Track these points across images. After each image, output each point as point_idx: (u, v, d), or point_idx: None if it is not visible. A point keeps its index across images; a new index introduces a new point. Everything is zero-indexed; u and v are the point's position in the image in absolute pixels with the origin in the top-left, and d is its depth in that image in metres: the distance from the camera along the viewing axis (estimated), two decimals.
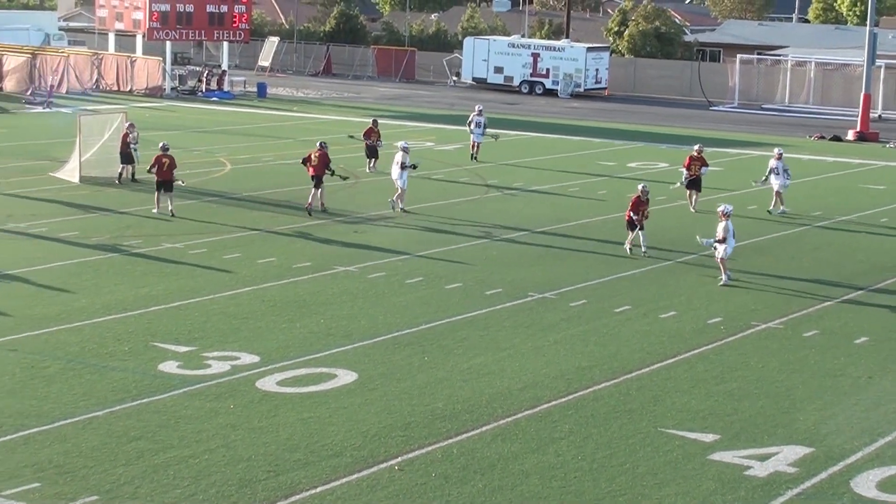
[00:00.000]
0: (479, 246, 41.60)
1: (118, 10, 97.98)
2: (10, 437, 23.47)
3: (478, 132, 60.65)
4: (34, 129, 69.99)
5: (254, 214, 45.93)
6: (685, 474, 22.68)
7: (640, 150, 68.90)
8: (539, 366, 28.93)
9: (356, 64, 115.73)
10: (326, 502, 21.05)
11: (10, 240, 40.48)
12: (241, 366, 28.21)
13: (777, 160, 48.68)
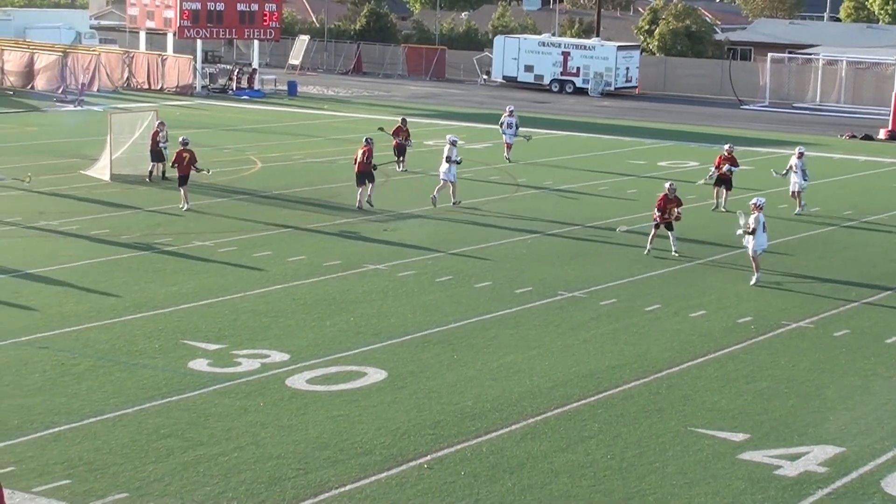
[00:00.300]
0: (509, 244, 41.58)
1: (149, 8, 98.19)
2: (40, 434, 23.55)
3: (510, 132, 60.40)
4: (65, 127, 70.22)
5: (284, 212, 46.00)
6: (715, 474, 22.65)
7: (671, 148, 68.81)
8: (569, 364, 28.92)
9: (386, 62, 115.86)
10: (355, 500, 21.07)
11: (42, 237, 40.62)
12: (270, 364, 28.26)
13: (798, 158, 48.50)
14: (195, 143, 62.00)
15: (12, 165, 53.45)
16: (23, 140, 63.73)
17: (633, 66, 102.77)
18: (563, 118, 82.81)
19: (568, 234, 43.50)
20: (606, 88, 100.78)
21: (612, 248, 40.89)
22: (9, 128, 69.11)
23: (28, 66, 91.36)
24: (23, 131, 67.76)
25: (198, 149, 58.05)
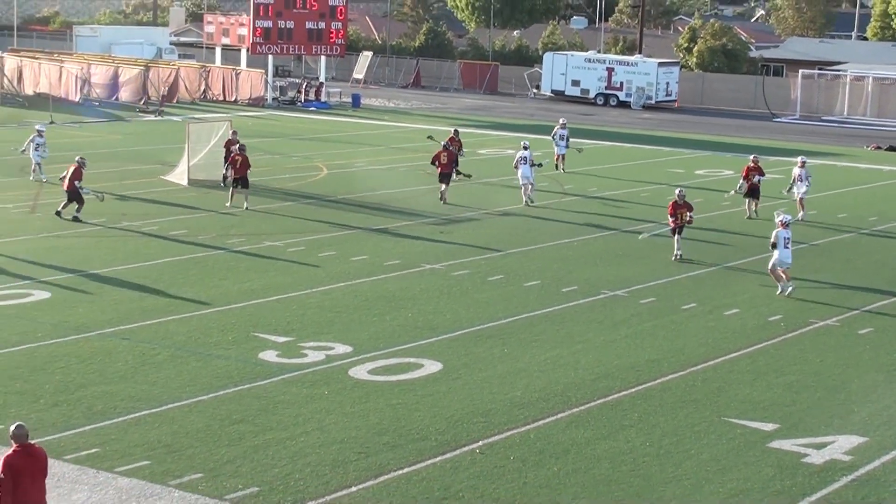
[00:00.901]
0: (556, 246, 41.55)
1: (225, 26, 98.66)
2: (122, 419, 23.70)
3: (562, 144, 59.81)
4: (147, 136, 70.56)
5: (348, 215, 46.09)
6: (746, 461, 22.61)
7: (708, 158, 68.56)
8: (611, 358, 28.90)
9: (443, 77, 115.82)
10: (412, 482, 21.13)
11: (125, 237, 40.83)
12: (335, 355, 28.34)
13: (800, 168, 48.20)
14: (267, 150, 62.40)
15: (99, 171, 53.75)
16: (108, 147, 64.06)
17: (672, 81, 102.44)
18: (608, 129, 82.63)
19: (611, 237, 43.43)
20: (648, 102, 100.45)
21: (651, 250, 40.80)
22: (95, 136, 69.50)
23: (113, 79, 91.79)
24: (108, 139, 68.12)
25: (268, 156, 58.37)
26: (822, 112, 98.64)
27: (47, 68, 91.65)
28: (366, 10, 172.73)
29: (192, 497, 20.18)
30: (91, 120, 78.09)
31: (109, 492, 20.32)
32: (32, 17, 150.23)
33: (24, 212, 44.86)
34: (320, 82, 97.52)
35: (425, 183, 54.64)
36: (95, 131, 72.23)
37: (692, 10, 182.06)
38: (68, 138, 67.32)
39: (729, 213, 48.45)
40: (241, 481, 20.86)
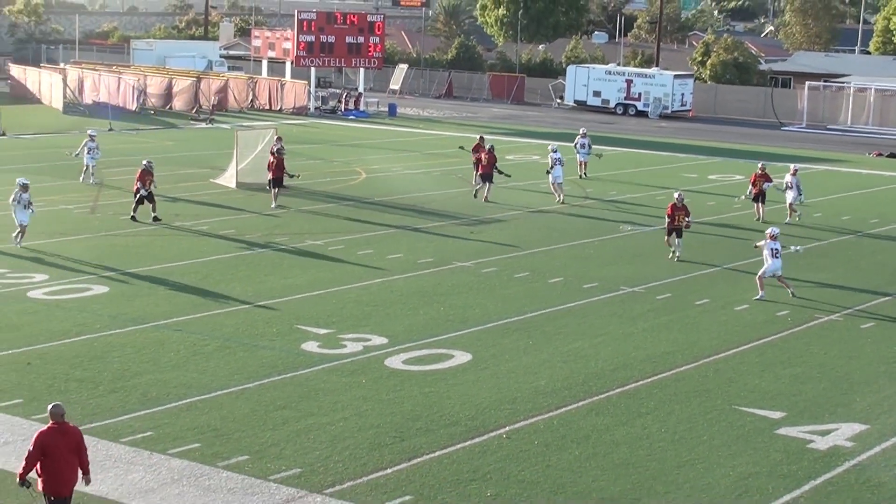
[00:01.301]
0: (578, 246, 41.49)
1: (271, 40, 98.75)
2: (175, 405, 23.78)
3: (583, 152, 59.27)
4: (198, 142, 70.73)
5: (384, 216, 46.10)
6: (755, 446, 22.55)
7: (720, 164, 68.29)
8: (629, 350, 28.85)
9: (473, 88, 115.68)
10: (444, 465, 21.14)
11: (178, 236, 40.94)
12: (371, 346, 28.36)
13: (792, 176, 47.79)
14: (310, 156, 62.50)
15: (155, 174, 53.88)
16: (162, 153, 64.17)
17: (687, 92, 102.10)
18: (626, 137, 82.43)
19: (629, 237, 43.36)
20: (664, 111, 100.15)
21: (667, 250, 40.68)
22: (151, 142, 69.69)
23: (167, 89, 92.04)
24: (162, 145, 68.29)
25: (310, 161, 58.45)
26: (827, 121, 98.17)
27: (107, 79, 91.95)
28: (402, 25, 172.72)
29: (239, 477, 20.23)
30: (147, 127, 78.31)
31: (162, 472, 20.39)
32: (93, 31, 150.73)
33: (84, 212, 45.01)
34: (359, 93, 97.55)
35: (457, 186, 54.66)
36: (151, 138, 72.45)
37: (706, 26, 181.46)
38: (126, 144, 67.56)
39: (740, 215, 48.27)
40: (284, 463, 20.90)
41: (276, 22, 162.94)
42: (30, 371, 25.65)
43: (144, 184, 42.81)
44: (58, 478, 17.09)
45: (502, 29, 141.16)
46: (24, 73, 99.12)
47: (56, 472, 17.09)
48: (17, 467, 20.02)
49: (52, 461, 17.06)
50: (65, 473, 17.19)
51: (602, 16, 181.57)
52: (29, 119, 78.14)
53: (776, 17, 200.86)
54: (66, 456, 17.19)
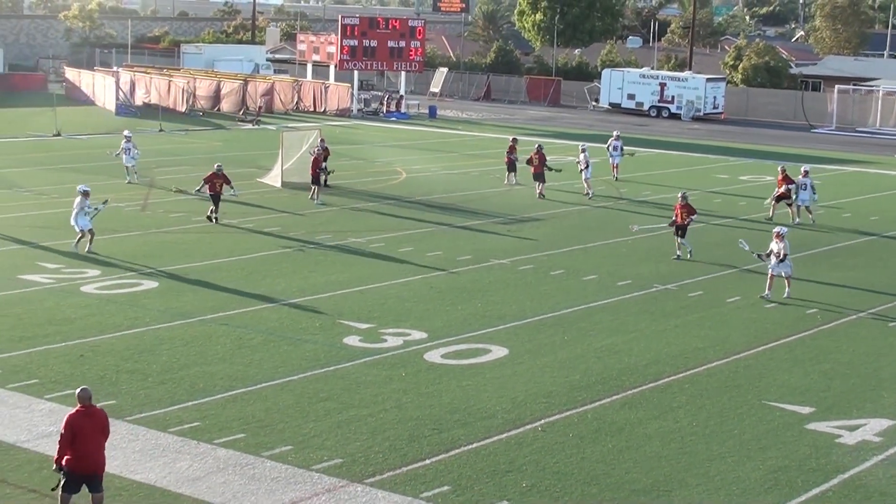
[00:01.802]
0: (612, 244, 41.38)
1: (315, 44, 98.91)
2: (221, 396, 23.83)
3: (615, 154, 58.90)
4: (245, 143, 70.89)
5: (425, 215, 46.11)
6: (784, 440, 22.43)
7: (751, 165, 67.98)
8: (661, 346, 28.76)
9: (511, 90, 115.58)
10: (481, 456, 21.11)
11: (225, 233, 41.03)
12: (411, 341, 28.35)
13: (804, 177, 47.17)
14: (352, 156, 62.62)
15: (202, 173, 54.11)
16: (210, 153, 64.38)
17: (719, 95, 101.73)
18: (660, 139, 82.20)
19: (662, 236, 43.18)
20: (697, 114, 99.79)
21: (699, 248, 40.50)
22: (199, 143, 69.91)
23: (215, 91, 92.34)
24: (210, 145, 68.50)
25: (353, 161, 58.60)
26: (856, 124, 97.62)
27: (157, 82, 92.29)
28: (442, 30, 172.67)
29: (283, 467, 20.26)
30: (195, 128, 78.55)
31: (209, 461, 20.44)
32: (145, 36, 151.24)
33: (135, 210, 45.18)
34: (400, 95, 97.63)
35: (495, 186, 54.61)
36: (199, 138, 72.67)
37: (738, 31, 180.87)
38: (175, 144, 67.82)
39: (766, 216, 48.02)
40: (326, 453, 20.91)
41: (321, 27, 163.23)
42: (82, 363, 25.77)
43: (214, 186, 42.62)
44: (86, 458, 17.49)
45: (539, 34, 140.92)
46: (79, 75, 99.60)
47: (84, 452, 17.48)
48: None
49: (81, 442, 17.46)
50: (92, 454, 17.59)
51: (636, 21, 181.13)
52: (83, 120, 78.50)
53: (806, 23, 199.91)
54: (93, 437, 17.61)
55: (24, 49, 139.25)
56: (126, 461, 20.29)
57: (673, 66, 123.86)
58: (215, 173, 42.92)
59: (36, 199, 46.88)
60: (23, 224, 41.41)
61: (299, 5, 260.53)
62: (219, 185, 42.83)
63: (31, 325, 28.61)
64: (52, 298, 31.22)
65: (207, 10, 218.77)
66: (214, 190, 42.73)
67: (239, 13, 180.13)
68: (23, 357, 26.01)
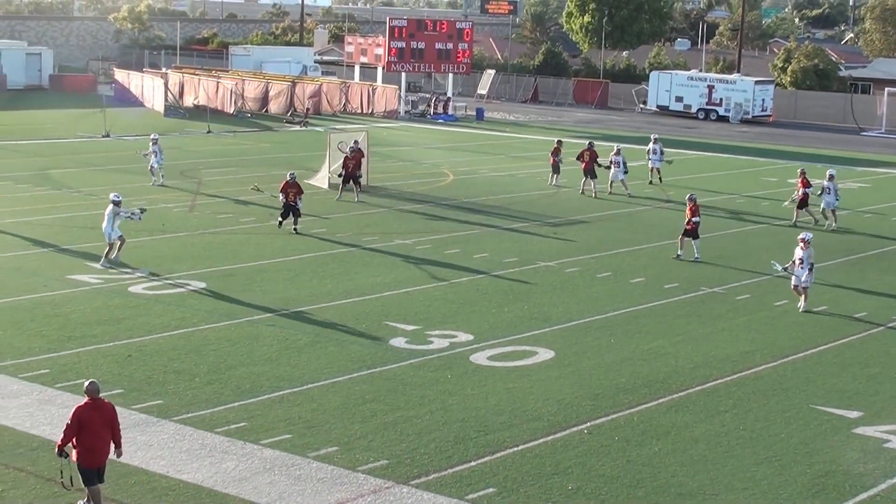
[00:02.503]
0: (659, 247, 41.24)
1: (363, 46, 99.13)
2: (267, 397, 23.91)
3: (655, 158, 57.96)
4: (292, 144, 71.09)
5: (471, 217, 46.10)
6: (832, 444, 22.31)
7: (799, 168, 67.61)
8: (708, 349, 28.65)
9: (558, 93, 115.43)
10: (526, 458, 21.09)
11: (271, 234, 41.12)
12: (457, 343, 28.36)
13: (829, 181, 46.36)
14: (399, 158, 62.75)
15: (250, 175, 54.42)
16: (258, 154, 64.66)
17: (767, 98, 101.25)
18: (708, 141, 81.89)
19: (709, 239, 43.01)
20: (745, 116, 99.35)
21: (747, 251, 40.33)
22: (248, 144, 70.17)
23: (263, 93, 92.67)
24: (259, 147, 68.74)
25: (400, 163, 58.71)
26: None
27: (206, 83, 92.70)
28: (489, 32, 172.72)
29: (329, 468, 20.30)
30: (243, 130, 78.85)
31: (255, 461, 20.51)
32: (193, 38, 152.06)
33: (183, 211, 45.39)
34: (448, 97, 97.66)
35: (541, 188, 54.55)
36: (247, 140, 72.94)
37: (787, 34, 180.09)
38: (223, 146, 68.09)
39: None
40: (372, 454, 20.95)
41: (369, 29, 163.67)
42: (130, 363, 25.91)
43: (288, 196, 41.20)
44: (91, 450, 17.94)
45: (587, 36, 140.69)
46: (128, 77, 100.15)
47: (90, 444, 17.94)
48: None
49: (87, 434, 17.91)
50: (98, 446, 18.03)
51: (685, 23, 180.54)
52: (132, 121, 78.92)
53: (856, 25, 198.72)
54: (100, 430, 18.04)
55: (73, 51, 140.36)
56: (173, 461, 20.39)
57: (721, 68, 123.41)
58: (288, 182, 41.38)
59: (85, 199, 47.16)
60: (72, 224, 41.68)
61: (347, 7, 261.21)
62: (291, 194, 41.26)
63: (80, 325, 28.80)
64: (100, 298, 31.42)
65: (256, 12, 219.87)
66: (288, 199, 41.32)
67: (287, 15, 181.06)
68: (71, 357, 26.19)
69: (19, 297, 31.34)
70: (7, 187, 49.89)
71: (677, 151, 61.14)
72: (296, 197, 41.27)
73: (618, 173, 53.83)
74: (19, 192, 48.71)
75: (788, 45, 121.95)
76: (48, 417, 22.24)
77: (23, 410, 22.64)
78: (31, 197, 47.36)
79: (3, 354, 26.19)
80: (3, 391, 23.75)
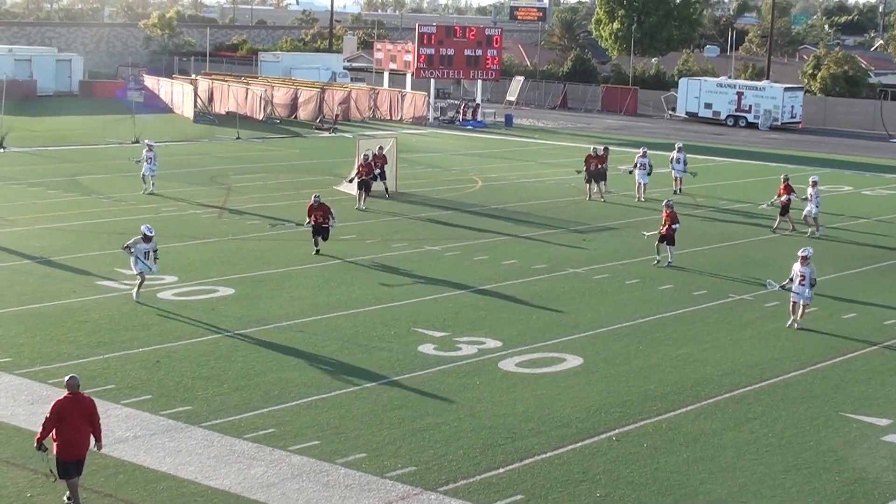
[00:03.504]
0: (688, 254, 41.12)
1: (392, 53, 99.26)
2: (296, 403, 23.93)
3: (678, 167, 56.99)
4: (322, 150, 71.17)
5: (500, 223, 46.08)
6: (861, 452, 22.21)
7: (829, 175, 67.34)
8: (737, 356, 28.56)
9: (587, 99, 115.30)
10: (555, 465, 21.06)
11: (300, 240, 41.14)
12: (486, 349, 28.34)
13: (812, 188, 45.59)
14: (428, 164, 62.80)
15: (279, 181, 54.57)
16: (287, 160, 64.80)
17: (797, 105, 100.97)
18: (737, 148, 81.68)
19: (738, 246, 42.92)
20: (774, 123, 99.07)
21: (776, 258, 40.22)
22: (277, 150, 70.33)
23: (293, 99, 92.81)
24: (288, 153, 68.89)
25: (429, 169, 58.75)
26: None
27: (235, 90, 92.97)
28: (518, 38, 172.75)
29: (357, 474, 20.31)
30: (273, 136, 79.03)
31: (283, 467, 20.52)
32: (223, 44, 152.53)
33: (212, 217, 45.49)
34: (477, 104, 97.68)
35: (570, 195, 54.48)
36: (277, 146, 73.10)
37: (816, 40, 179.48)
38: (252, 152, 68.25)
39: (845, 226, 47.61)
40: (400, 461, 20.95)
41: (398, 35, 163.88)
42: (159, 368, 25.98)
43: (315, 219, 38.72)
44: (70, 443, 18.27)
45: (616, 42, 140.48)
46: (158, 83, 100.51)
47: (69, 437, 18.26)
48: (146, 461, 20.34)
49: (67, 428, 18.24)
50: (77, 439, 18.34)
51: (714, 30, 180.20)
52: (161, 127, 79.18)
53: (886, 32, 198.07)
54: (79, 424, 18.38)
55: (103, 57, 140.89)
56: (201, 467, 20.43)
57: (750, 75, 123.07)
58: (312, 205, 39.17)
59: (115, 205, 47.33)
60: (102, 230, 41.83)
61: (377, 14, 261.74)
62: (318, 216, 38.90)
63: (109, 330, 28.90)
64: (129, 304, 31.51)
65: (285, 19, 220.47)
66: (316, 221, 39.06)
67: (317, 21, 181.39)
68: (100, 363, 26.28)
69: (49, 302, 31.47)
70: (38, 193, 50.12)
71: (706, 158, 60.95)
72: (325, 217, 39.03)
73: (643, 175, 53.78)
74: (50, 197, 48.91)
75: (818, 52, 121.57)
76: None
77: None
78: (62, 203, 47.53)
79: (32, 360, 26.30)
80: (32, 397, 23.84)
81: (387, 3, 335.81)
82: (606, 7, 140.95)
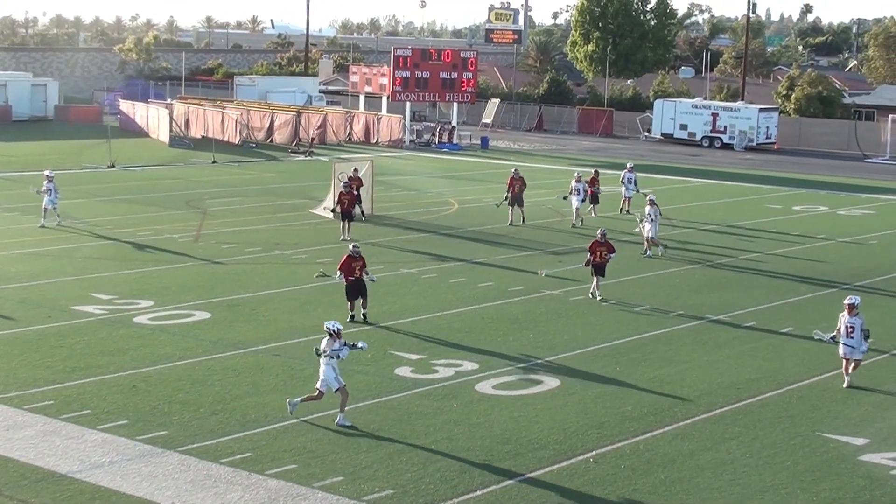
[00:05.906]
0: (664, 275, 41.20)
1: (367, 76, 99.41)
2: (273, 427, 23.86)
3: (630, 187, 56.47)
4: (298, 174, 71.15)
5: (476, 246, 46.10)
6: (838, 472, 22.23)
7: (804, 195, 67.65)
8: (714, 377, 28.58)
9: (563, 121, 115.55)
10: (532, 487, 21.03)
11: (277, 264, 41.15)
12: (463, 372, 28.31)
13: (650, 207, 44.72)
14: (404, 187, 62.77)
15: (255, 205, 54.49)
16: (263, 184, 64.77)
17: (772, 125, 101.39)
18: (712, 169, 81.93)
19: (715, 266, 43.02)
20: (749, 144, 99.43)
21: (751, 278, 40.31)
22: (252, 174, 70.28)
23: (269, 123, 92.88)
24: (263, 177, 68.84)
25: (405, 192, 58.70)
26: None
27: (211, 114, 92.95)
28: (494, 61, 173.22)
29: (334, 498, 20.24)
30: (249, 160, 78.97)
31: (260, 492, 20.45)
32: (199, 68, 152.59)
33: (188, 241, 45.40)
34: (452, 126, 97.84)
35: (546, 216, 54.52)
36: (253, 170, 73.04)
37: (790, 61, 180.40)
38: (228, 176, 68.17)
39: (821, 246, 47.75)
40: (377, 484, 20.89)
41: (374, 58, 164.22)
42: (135, 393, 25.88)
43: (354, 273, 33.52)
44: None
45: (592, 64, 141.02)
46: (133, 107, 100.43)
47: None
48: (122, 486, 20.25)
49: None
50: None
51: (689, 51, 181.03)
52: (137, 152, 79.10)
53: (860, 52, 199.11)
54: None
55: (79, 82, 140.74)
56: (178, 492, 20.34)
57: (725, 96, 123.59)
58: (351, 255, 34.08)
59: (90, 230, 47.20)
60: (77, 255, 41.71)
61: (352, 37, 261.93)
62: (357, 268, 33.78)
63: (84, 355, 28.78)
64: (104, 329, 31.41)
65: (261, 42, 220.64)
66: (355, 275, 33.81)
67: (292, 45, 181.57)
68: (76, 388, 26.16)
69: (24, 328, 31.36)
70: (13, 218, 49.97)
71: (682, 179, 61.05)
72: (363, 269, 33.94)
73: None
74: (25, 222, 48.73)
75: (792, 73, 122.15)
76: (52, 449, 22.20)
77: (27, 442, 22.58)
78: (36, 228, 47.33)
79: (7, 386, 26.18)
80: (7, 422, 23.72)
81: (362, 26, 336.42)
82: (581, 29, 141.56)
